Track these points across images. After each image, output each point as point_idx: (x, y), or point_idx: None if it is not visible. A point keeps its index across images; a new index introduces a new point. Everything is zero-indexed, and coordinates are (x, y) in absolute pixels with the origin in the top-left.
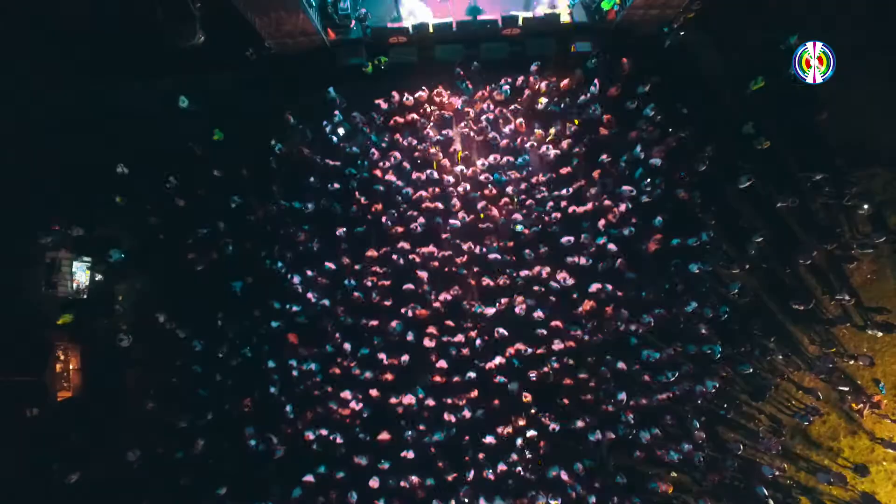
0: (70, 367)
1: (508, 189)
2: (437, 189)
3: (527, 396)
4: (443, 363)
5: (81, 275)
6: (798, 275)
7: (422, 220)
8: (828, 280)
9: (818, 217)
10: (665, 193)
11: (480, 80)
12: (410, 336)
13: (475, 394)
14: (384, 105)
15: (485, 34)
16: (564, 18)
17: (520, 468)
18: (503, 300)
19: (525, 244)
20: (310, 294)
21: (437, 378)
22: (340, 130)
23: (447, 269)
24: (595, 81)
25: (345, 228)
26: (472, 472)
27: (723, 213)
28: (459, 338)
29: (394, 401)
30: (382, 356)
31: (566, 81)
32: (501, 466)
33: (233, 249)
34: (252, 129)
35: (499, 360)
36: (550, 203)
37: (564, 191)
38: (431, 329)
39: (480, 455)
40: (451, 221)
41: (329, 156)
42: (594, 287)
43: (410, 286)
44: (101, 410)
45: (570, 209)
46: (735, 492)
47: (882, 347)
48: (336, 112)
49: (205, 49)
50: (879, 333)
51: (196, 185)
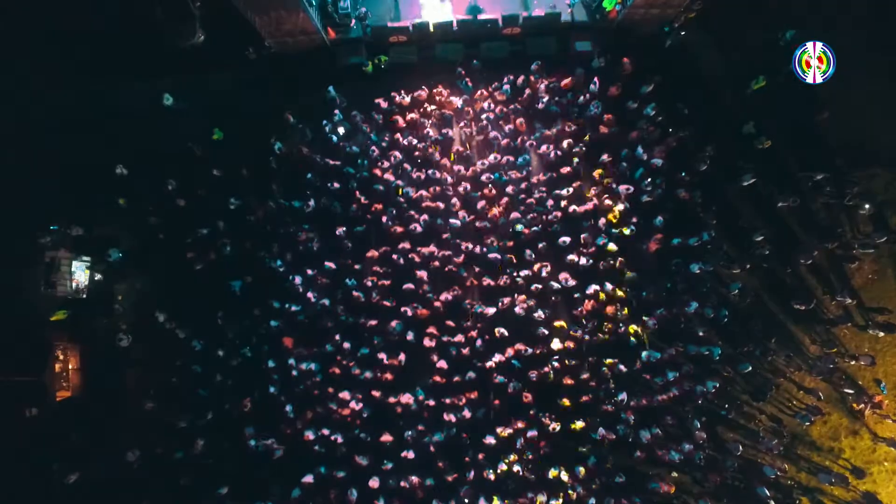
0: (69, 367)
1: (508, 189)
2: (438, 188)
3: (527, 396)
4: (443, 363)
5: (81, 274)
6: (799, 275)
7: (423, 220)
8: (829, 280)
9: (819, 217)
10: (666, 193)
11: (481, 80)
12: (410, 336)
13: (475, 394)
14: (384, 104)
15: (485, 33)
16: (565, 18)
17: (519, 468)
18: (504, 300)
19: (525, 244)
20: (310, 294)
21: (437, 378)
22: (340, 130)
23: (447, 269)
24: (595, 80)
25: (345, 228)
26: (473, 473)
27: (723, 213)
28: (459, 338)
29: (393, 400)
30: (382, 356)
31: (567, 81)
32: (501, 466)
33: (232, 249)
34: (252, 129)
35: (498, 358)
36: (550, 202)
37: (565, 191)
38: (431, 329)
39: (480, 455)
40: (452, 221)
41: (329, 155)
42: (591, 289)
43: (410, 286)
44: (101, 410)
45: (571, 209)
46: (736, 492)
47: (883, 347)
48: (336, 111)
49: (204, 48)
50: (881, 333)
51: (196, 185)
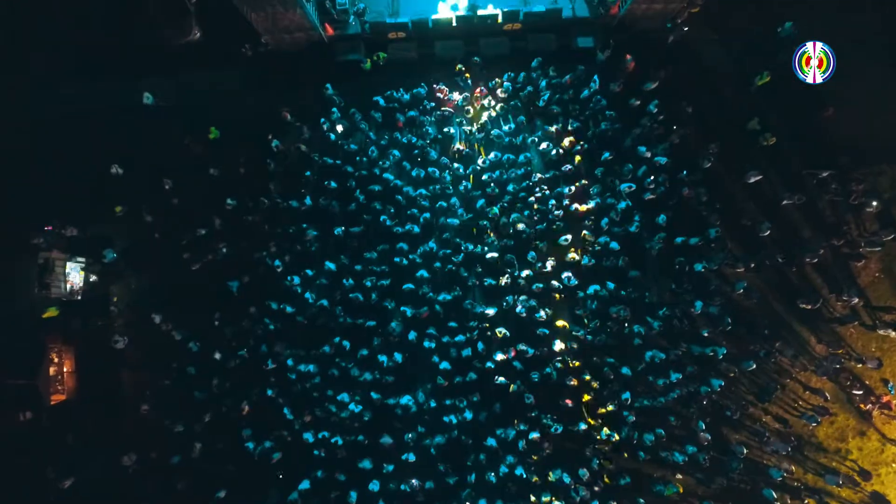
0: (64, 370)
1: (510, 187)
2: (438, 187)
3: (529, 397)
4: (444, 364)
5: (75, 275)
6: (805, 273)
7: (422, 218)
8: (835, 279)
9: (825, 214)
10: (669, 191)
11: (481, 76)
12: (410, 336)
13: (477, 396)
14: (383, 102)
15: (485, 30)
16: (566, 14)
17: (522, 471)
18: (506, 300)
19: (527, 243)
20: (308, 294)
21: (439, 379)
22: (339, 128)
23: (448, 269)
24: (595, 78)
25: (343, 227)
26: (474, 475)
27: (728, 211)
28: (460, 338)
29: (391, 403)
30: (382, 357)
31: (568, 77)
32: (503, 469)
33: (229, 249)
34: (249, 127)
35: (500, 358)
36: (553, 201)
37: (567, 189)
38: (432, 330)
39: (482, 457)
40: (451, 220)
41: (327, 153)
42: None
43: (410, 286)
44: (97, 414)
45: (573, 207)
46: (742, 494)
47: (891, 347)
48: (334, 109)
49: (201, 46)
50: (893, 333)
51: (193, 185)
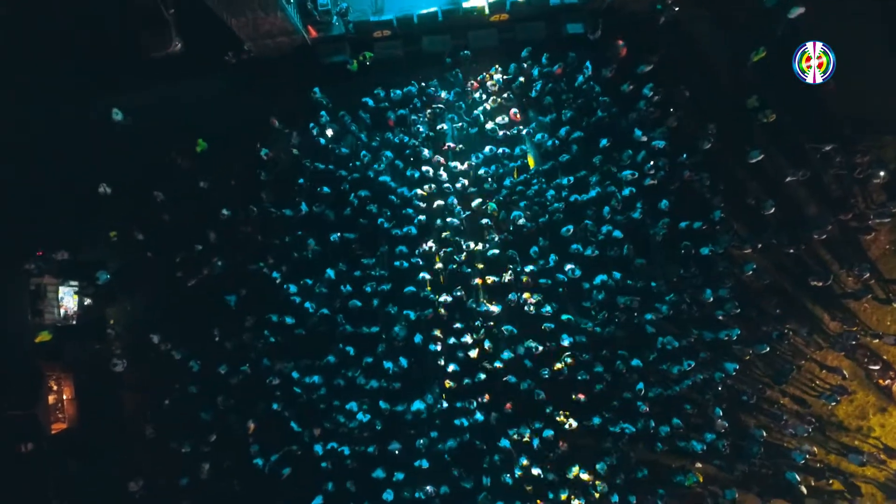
0: (64, 398)
1: (507, 181)
2: (433, 186)
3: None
4: (451, 367)
5: (69, 300)
6: (814, 250)
7: (420, 220)
8: (845, 254)
9: (830, 189)
10: (670, 175)
11: (471, 70)
12: (416, 340)
13: (487, 397)
14: (372, 102)
15: (472, 22)
16: (554, 0)
17: (538, 470)
18: (511, 296)
19: (529, 237)
20: (308, 304)
21: (447, 382)
22: (328, 132)
23: (449, 269)
24: (588, 64)
25: (339, 233)
26: (490, 478)
27: (731, 192)
28: (467, 339)
29: (400, 410)
30: (387, 364)
31: (560, 66)
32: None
33: (225, 263)
34: (237, 137)
35: (509, 357)
36: (552, 193)
37: (565, 180)
38: (437, 332)
39: (497, 458)
40: (450, 219)
41: (318, 159)
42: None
43: (412, 289)
44: (100, 440)
45: (573, 198)
46: (765, 479)
47: None
48: (323, 113)
49: (183, 57)
50: None
51: (183, 200)
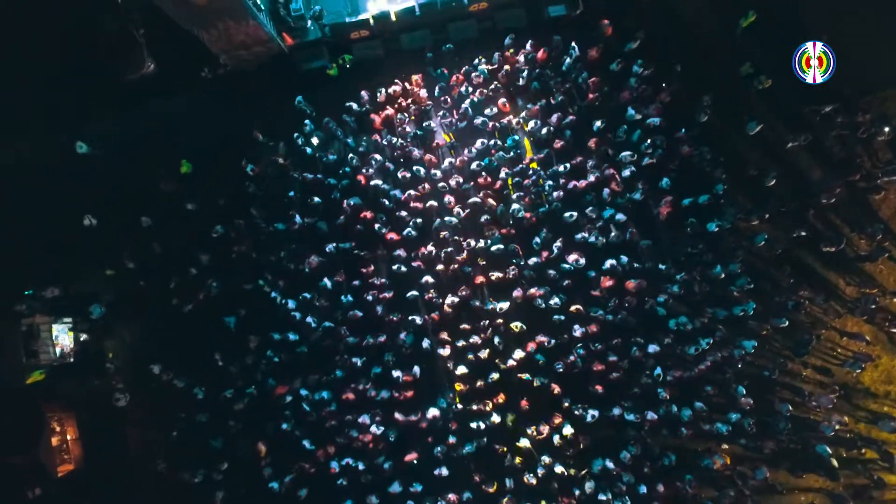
0: (68, 438)
1: (502, 173)
2: (427, 186)
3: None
4: (462, 369)
5: (64, 337)
6: (823, 215)
7: (416, 222)
8: (855, 216)
9: (834, 151)
10: (668, 152)
11: (455, 64)
12: (424, 345)
13: (502, 397)
14: (356, 106)
15: (451, 14)
16: None
17: (562, 468)
18: (517, 292)
19: (529, 229)
20: (309, 318)
21: (459, 386)
22: (314, 140)
23: (451, 270)
24: (573, 45)
25: (334, 244)
26: (512, 479)
27: (733, 163)
28: (476, 340)
29: (414, 419)
30: (397, 373)
31: (543, 51)
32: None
33: (221, 284)
34: (221, 155)
35: (520, 355)
36: (549, 182)
37: (562, 167)
38: (444, 335)
39: (518, 460)
40: (448, 218)
41: (306, 169)
42: (608, 263)
43: (415, 293)
44: (110, 477)
45: (571, 185)
46: (794, 455)
47: None
48: (307, 121)
49: (157, 78)
50: None
51: (171, 224)
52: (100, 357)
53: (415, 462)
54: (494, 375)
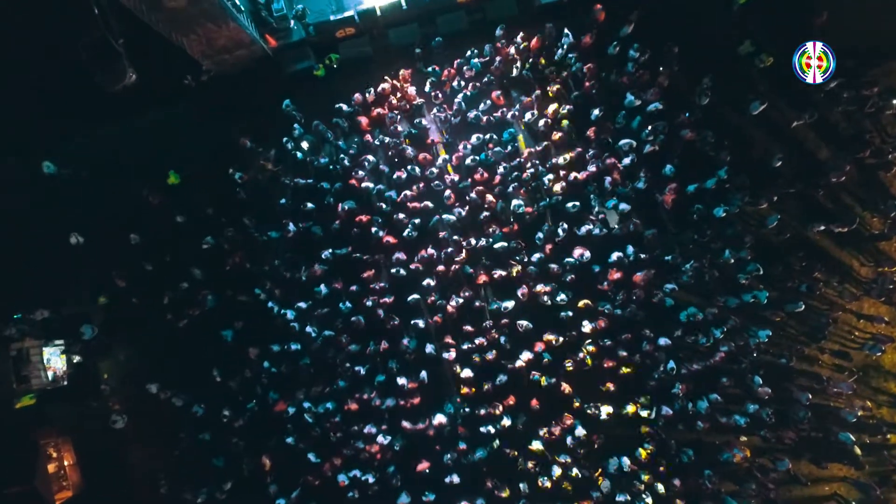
0: (65, 464)
1: (499, 169)
2: (423, 185)
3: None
4: (468, 372)
5: (56, 360)
6: (833, 195)
7: (415, 222)
8: (867, 194)
9: (841, 128)
10: (670, 138)
11: (445, 58)
12: (428, 350)
13: (512, 400)
14: (346, 107)
15: (439, 7)
16: None
17: (577, 470)
18: (522, 290)
19: (531, 225)
20: (308, 328)
21: (466, 390)
22: (304, 144)
23: (452, 271)
24: (567, 32)
25: (330, 250)
26: (526, 483)
27: (737, 146)
28: (481, 341)
29: (422, 426)
30: (402, 380)
31: (536, 40)
32: (556, 471)
33: (215, 297)
34: (209, 164)
35: (527, 356)
36: (550, 175)
37: (561, 159)
38: (448, 339)
39: (531, 464)
40: (446, 216)
41: (297, 174)
42: (614, 256)
43: (416, 297)
44: (111, 503)
45: (572, 176)
46: (817, 444)
47: None
48: (295, 125)
49: (139, 88)
50: None
51: (161, 238)
52: (95, 379)
53: (426, 472)
54: (502, 377)
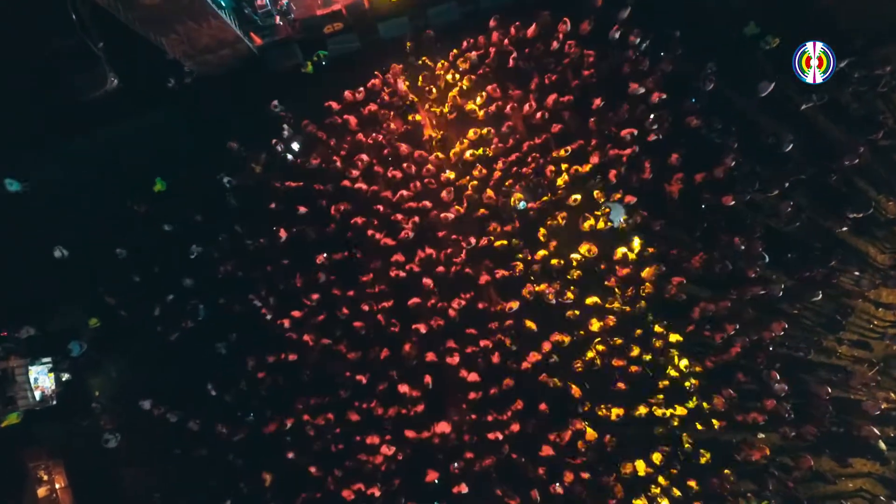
0: (57, 487)
1: (498, 163)
2: (419, 184)
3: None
4: (474, 376)
5: (44, 379)
6: (847, 179)
7: (412, 222)
8: (882, 177)
9: (853, 109)
10: (675, 125)
11: (438, 51)
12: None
13: (520, 404)
14: (336, 105)
15: None
16: None
17: (589, 472)
18: (526, 289)
19: (534, 221)
20: (306, 336)
21: (472, 395)
22: (294, 145)
23: (453, 271)
24: (564, 19)
25: (325, 254)
26: (538, 490)
27: (745, 132)
28: (485, 343)
29: (427, 434)
30: (404, 388)
31: (532, 28)
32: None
33: (208, 308)
34: (196, 170)
35: (534, 357)
36: (551, 168)
37: (562, 150)
38: (451, 343)
39: (541, 470)
40: (444, 215)
41: (288, 177)
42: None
43: (416, 300)
44: None
45: (573, 169)
46: (838, 439)
47: None
48: (285, 126)
49: (122, 93)
50: None
51: (148, 249)
52: (85, 397)
53: (435, 482)
54: (509, 381)
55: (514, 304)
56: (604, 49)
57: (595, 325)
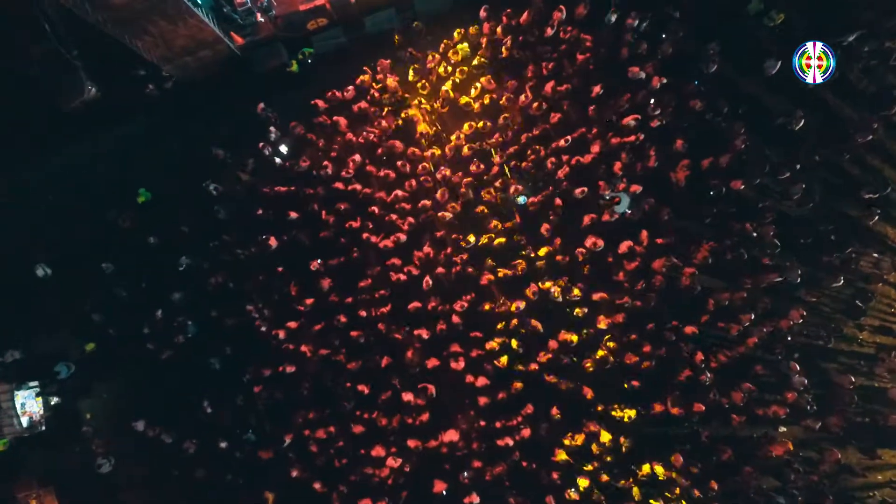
0: None
1: (496, 158)
2: (414, 183)
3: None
4: (482, 381)
5: (32, 404)
6: (860, 158)
7: (409, 223)
8: None
9: (863, 85)
10: (678, 109)
11: (428, 43)
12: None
13: (530, 408)
14: (323, 105)
15: None
16: None
17: (607, 475)
18: (530, 287)
19: (534, 216)
20: (304, 346)
21: (481, 400)
22: (283, 149)
23: (454, 272)
24: (560, 7)
25: (320, 260)
26: (553, 496)
27: (753, 113)
28: (491, 345)
29: (434, 443)
30: (408, 396)
31: (525, 14)
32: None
33: (199, 323)
34: (180, 179)
35: (542, 357)
36: (551, 160)
37: (562, 141)
38: (455, 347)
39: (554, 475)
40: (442, 214)
41: (277, 182)
42: (624, 246)
43: (416, 304)
44: None
45: (574, 160)
46: (864, 430)
47: None
48: (272, 129)
49: (100, 102)
50: None
51: (134, 263)
52: (76, 420)
53: (444, 493)
54: (518, 384)
55: (521, 304)
56: (601, 33)
57: (603, 323)
